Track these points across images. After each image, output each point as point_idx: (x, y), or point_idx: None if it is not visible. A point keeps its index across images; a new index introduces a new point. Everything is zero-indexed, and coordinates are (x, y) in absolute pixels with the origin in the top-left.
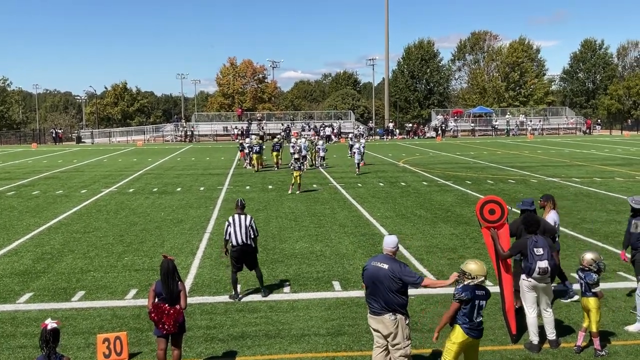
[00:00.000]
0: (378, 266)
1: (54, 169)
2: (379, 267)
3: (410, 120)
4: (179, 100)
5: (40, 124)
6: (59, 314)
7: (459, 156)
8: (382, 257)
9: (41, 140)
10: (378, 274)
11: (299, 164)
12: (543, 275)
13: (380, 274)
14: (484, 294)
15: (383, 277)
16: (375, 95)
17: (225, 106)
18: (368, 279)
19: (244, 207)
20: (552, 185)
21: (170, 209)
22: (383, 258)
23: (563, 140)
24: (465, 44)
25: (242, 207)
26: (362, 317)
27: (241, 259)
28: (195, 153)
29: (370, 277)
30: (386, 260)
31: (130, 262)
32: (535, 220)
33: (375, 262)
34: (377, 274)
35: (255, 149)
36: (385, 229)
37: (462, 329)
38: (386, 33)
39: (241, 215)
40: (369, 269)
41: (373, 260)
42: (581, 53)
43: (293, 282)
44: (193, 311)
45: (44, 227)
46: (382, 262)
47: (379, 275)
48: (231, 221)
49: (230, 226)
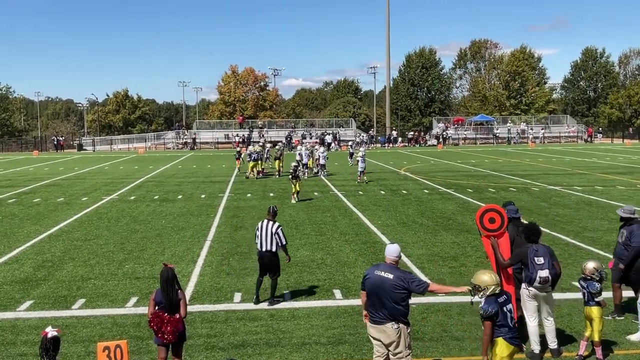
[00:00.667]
0: (382, 276)
1: (55, 176)
2: (384, 277)
3: (411, 128)
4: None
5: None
6: (60, 322)
7: (460, 164)
8: (386, 267)
9: (43, 147)
10: (382, 284)
11: (295, 172)
12: (544, 284)
13: (385, 284)
14: (506, 299)
15: (388, 287)
16: (377, 103)
17: (227, 114)
18: (370, 289)
19: (276, 215)
20: (553, 193)
21: (171, 217)
22: (387, 267)
23: (564, 148)
24: (465, 52)
25: (273, 214)
26: (364, 325)
27: (263, 265)
28: (197, 161)
29: (373, 287)
30: (390, 269)
31: (130, 269)
32: (536, 230)
33: (378, 271)
34: (381, 284)
35: (253, 156)
36: (387, 237)
37: (505, 340)
38: (387, 41)
39: (270, 221)
40: (371, 277)
41: (376, 269)
42: (582, 61)
43: (294, 290)
44: (193, 319)
45: (45, 235)
46: (386, 271)
47: (384, 286)
48: (259, 226)
49: (258, 230)
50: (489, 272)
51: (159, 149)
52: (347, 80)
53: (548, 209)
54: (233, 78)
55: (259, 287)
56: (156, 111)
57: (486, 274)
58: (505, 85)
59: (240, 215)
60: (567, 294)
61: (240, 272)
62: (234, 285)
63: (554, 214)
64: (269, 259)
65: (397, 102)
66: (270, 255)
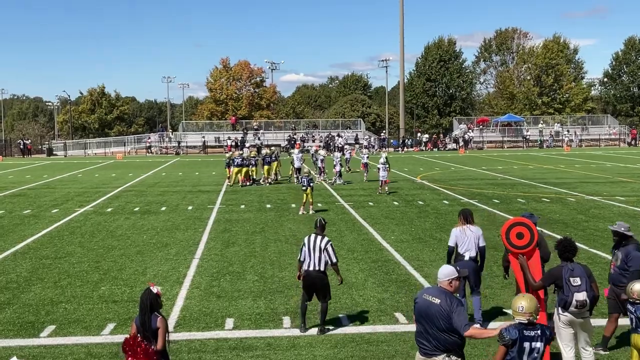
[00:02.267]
0: (429, 300)
1: (21, 185)
2: (430, 302)
3: (428, 130)
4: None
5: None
6: (25, 352)
7: (485, 171)
8: (435, 290)
9: (7, 152)
10: (428, 310)
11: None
12: (581, 308)
13: (431, 309)
14: (537, 335)
15: (434, 313)
16: (389, 102)
17: (218, 114)
18: (418, 315)
19: (324, 229)
20: (592, 204)
21: (154, 232)
22: (436, 291)
23: (605, 152)
24: (490, 42)
25: (321, 227)
26: (374, 356)
27: (310, 287)
28: (183, 167)
29: (420, 313)
30: (439, 294)
31: (107, 292)
32: (571, 246)
33: (426, 295)
34: (427, 310)
35: (237, 161)
36: (400, 254)
37: None
38: (401, 30)
39: (318, 236)
40: (418, 302)
41: (425, 293)
42: (624, 53)
43: (294, 316)
44: (179, 349)
45: (9, 252)
46: (434, 295)
47: (430, 311)
48: (306, 241)
49: (305, 246)
50: (530, 297)
51: (139, 154)
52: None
53: (586, 223)
54: (225, 73)
55: (304, 313)
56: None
57: (527, 300)
58: (536, 81)
59: (232, 229)
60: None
61: (232, 295)
62: (225, 310)
63: (592, 228)
64: (319, 279)
65: (412, 100)
66: (321, 276)
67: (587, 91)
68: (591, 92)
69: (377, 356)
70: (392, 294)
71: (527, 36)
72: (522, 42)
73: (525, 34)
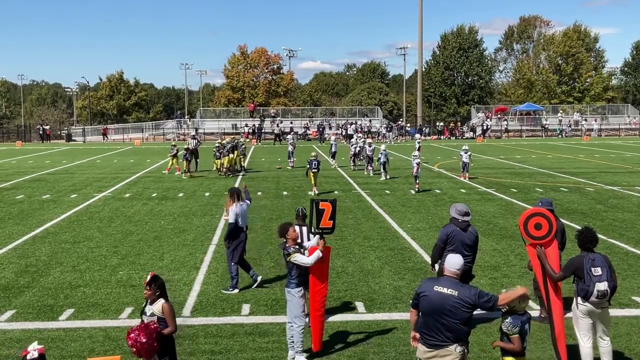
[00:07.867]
0: (444, 293)
1: (41, 170)
2: (446, 295)
3: (445, 118)
4: (182, 94)
5: (25, 120)
6: (45, 335)
7: (503, 160)
8: (448, 282)
9: (26, 137)
10: (444, 303)
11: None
12: (602, 298)
13: (447, 302)
14: (529, 318)
15: (452, 306)
16: (407, 90)
17: (235, 101)
18: (428, 308)
19: (305, 218)
20: (611, 194)
21: (171, 217)
22: (449, 282)
23: (625, 142)
24: (513, 30)
25: (302, 217)
26: (389, 343)
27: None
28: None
29: (431, 306)
30: (454, 285)
31: (125, 276)
32: (592, 236)
33: (438, 287)
34: (442, 303)
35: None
36: (417, 242)
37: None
38: (420, 17)
39: (302, 227)
40: (429, 295)
41: (435, 285)
42: None
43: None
44: (196, 334)
45: (29, 236)
46: (449, 287)
47: (446, 304)
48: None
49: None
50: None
51: (157, 140)
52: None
53: (605, 213)
54: (242, 60)
55: None
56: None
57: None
58: (555, 69)
59: (249, 216)
60: (626, 310)
61: (249, 281)
62: (241, 295)
63: (611, 218)
64: None
65: (429, 88)
66: None
67: (607, 80)
68: (611, 82)
69: (392, 343)
70: (408, 282)
71: (548, 24)
72: (544, 30)
73: (547, 22)
